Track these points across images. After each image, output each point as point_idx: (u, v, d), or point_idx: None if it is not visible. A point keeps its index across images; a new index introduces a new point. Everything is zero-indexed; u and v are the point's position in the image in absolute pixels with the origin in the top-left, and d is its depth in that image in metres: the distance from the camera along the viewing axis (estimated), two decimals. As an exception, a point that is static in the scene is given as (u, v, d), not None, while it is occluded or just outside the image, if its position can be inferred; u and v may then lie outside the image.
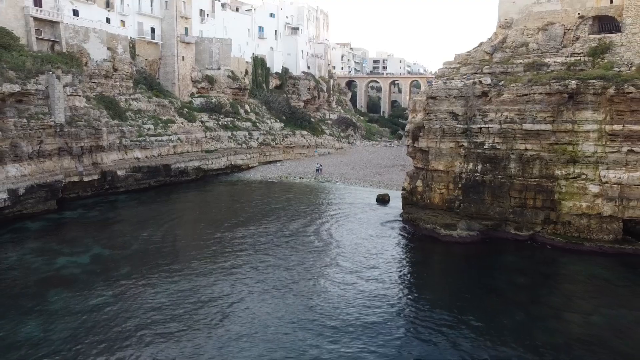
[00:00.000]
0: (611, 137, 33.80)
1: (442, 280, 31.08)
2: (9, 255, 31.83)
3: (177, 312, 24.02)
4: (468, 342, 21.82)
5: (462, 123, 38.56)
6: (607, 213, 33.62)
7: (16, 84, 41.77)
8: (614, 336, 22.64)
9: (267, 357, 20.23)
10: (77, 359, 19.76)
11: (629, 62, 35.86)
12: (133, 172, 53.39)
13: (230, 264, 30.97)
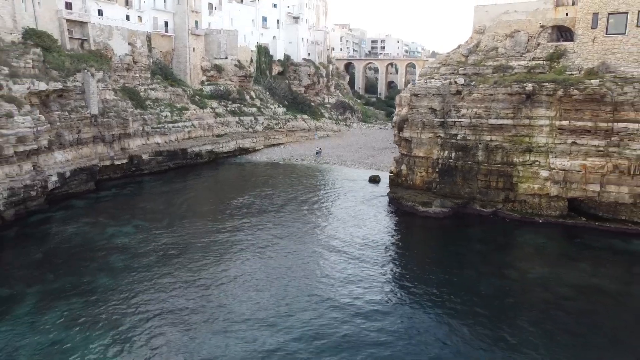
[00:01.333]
0: (559, 131, 41.02)
1: (418, 247, 38.71)
2: (68, 228, 39.37)
3: (204, 263, 31.62)
4: (432, 289, 29.46)
5: (439, 117, 45.67)
6: (554, 193, 41.10)
7: (59, 82, 48.66)
8: (539, 287, 30.28)
9: (272, 309, 27.84)
10: (140, 303, 27.32)
11: (579, 66, 42.84)
12: (155, 155, 60.66)
13: (242, 228, 38.50)
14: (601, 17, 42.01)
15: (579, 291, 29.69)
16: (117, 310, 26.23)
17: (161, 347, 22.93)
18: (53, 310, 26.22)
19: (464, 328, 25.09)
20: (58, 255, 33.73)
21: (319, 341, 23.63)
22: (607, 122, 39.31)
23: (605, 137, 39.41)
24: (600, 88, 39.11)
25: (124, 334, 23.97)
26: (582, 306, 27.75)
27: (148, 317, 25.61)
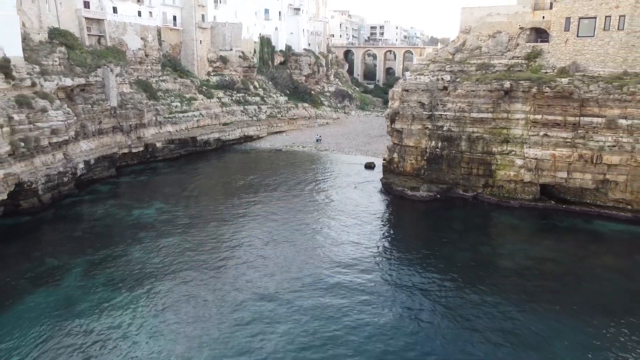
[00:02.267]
0: (533, 124, 46.05)
1: (406, 226, 44.07)
2: (98, 209, 44.69)
3: (218, 235, 36.96)
4: (416, 260, 34.84)
5: (427, 110, 50.62)
6: (527, 180, 46.31)
7: (82, 77, 53.53)
8: (506, 259, 35.67)
9: (274, 269, 33.20)
10: (167, 268, 32.68)
11: (553, 66, 47.71)
12: (167, 143, 65.73)
13: (248, 208, 43.79)
14: (573, 21, 46.72)
15: (538, 262, 35.05)
16: (149, 275, 31.60)
17: (187, 299, 28.28)
18: (97, 276, 31.61)
19: (440, 290, 30.46)
20: (93, 233, 39.09)
21: (316, 305, 29.02)
22: (575, 116, 44.34)
23: (573, 130, 44.47)
24: (569, 86, 44.07)
25: (158, 293, 29.32)
26: (538, 274, 33.12)
27: (174, 278, 30.98)
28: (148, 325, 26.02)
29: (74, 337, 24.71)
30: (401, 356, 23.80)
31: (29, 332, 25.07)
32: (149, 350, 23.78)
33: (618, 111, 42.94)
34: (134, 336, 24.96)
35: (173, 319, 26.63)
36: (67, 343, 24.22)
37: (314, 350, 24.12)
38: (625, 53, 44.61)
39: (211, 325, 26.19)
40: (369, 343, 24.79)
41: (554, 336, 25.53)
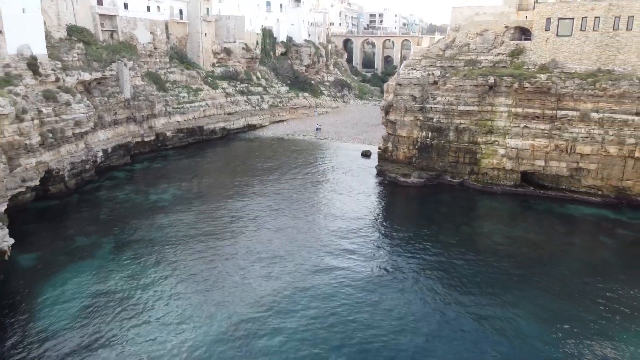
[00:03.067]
0: (515, 116, 50.33)
1: (397, 209, 48.59)
2: (118, 194, 49.17)
3: (227, 216, 41.49)
4: (406, 239, 39.41)
5: (419, 103, 54.84)
6: (509, 167, 50.75)
7: (98, 72, 57.60)
8: (485, 238, 40.26)
9: (276, 246, 37.75)
10: (184, 244, 37.21)
11: (534, 62, 51.83)
12: (177, 133, 70.00)
13: (253, 191, 48.27)
14: (553, 21, 50.77)
15: (513, 241, 39.67)
16: (169, 249, 36.14)
17: (203, 268, 32.84)
18: (124, 251, 36.17)
19: (424, 263, 35.05)
20: (116, 214, 43.63)
21: (312, 279, 33.62)
22: (552, 109, 48.65)
23: (550, 122, 48.81)
24: (547, 82, 48.31)
25: (178, 264, 33.87)
26: (512, 251, 37.66)
27: (191, 251, 35.52)
28: (172, 290, 30.60)
29: (111, 302, 29.28)
30: (387, 304, 28.43)
31: (73, 297, 29.67)
32: (174, 310, 28.37)
33: (591, 105, 47.26)
34: (161, 299, 29.55)
35: (193, 285, 31.21)
36: (105, 306, 28.82)
37: (310, 298, 28.72)
38: (599, 51, 48.76)
39: (226, 286, 30.79)
40: (361, 297, 29.43)
41: (521, 303, 30.14)
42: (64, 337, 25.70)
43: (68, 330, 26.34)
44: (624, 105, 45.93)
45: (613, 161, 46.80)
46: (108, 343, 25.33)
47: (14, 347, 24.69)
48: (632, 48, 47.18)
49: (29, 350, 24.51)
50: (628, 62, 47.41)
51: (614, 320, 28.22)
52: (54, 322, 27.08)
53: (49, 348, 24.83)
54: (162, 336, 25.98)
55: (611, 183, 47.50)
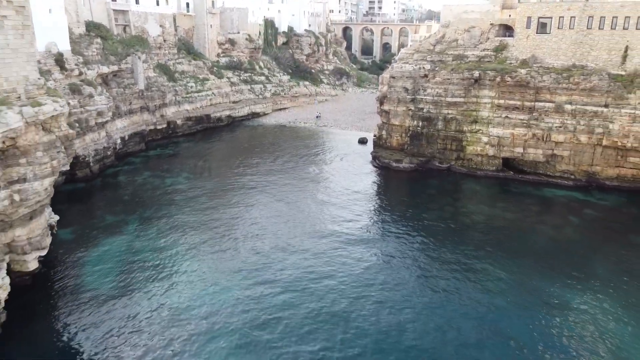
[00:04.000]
0: (497, 107, 55.27)
1: (390, 191, 53.76)
2: (137, 178, 54.35)
3: (235, 196, 46.70)
4: (396, 218, 44.71)
5: (411, 94, 59.70)
6: (491, 154, 55.86)
7: (115, 65, 62.34)
8: (465, 216, 45.52)
9: (279, 223, 43.03)
10: (199, 221, 42.45)
11: (516, 58, 56.58)
12: (186, 120, 74.93)
13: (257, 175, 53.43)
14: (533, 20, 55.41)
15: (491, 219, 44.99)
16: (187, 226, 41.38)
17: (217, 242, 38.12)
18: (148, 228, 41.41)
19: (410, 238, 40.37)
20: (138, 196, 48.86)
21: (311, 255, 38.93)
22: (531, 101, 53.58)
23: (529, 113, 53.78)
24: (526, 76, 53.17)
25: (195, 238, 39.13)
26: (489, 228, 42.95)
27: (206, 227, 40.77)
28: (190, 255, 35.92)
29: (140, 264, 34.60)
30: (376, 269, 33.79)
31: (109, 261, 34.99)
32: (193, 276, 33.69)
33: (565, 98, 52.24)
34: (181, 262, 34.86)
35: (208, 252, 36.50)
36: (136, 268, 34.13)
37: (309, 255, 34.05)
38: (574, 48, 53.53)
39: (238, 250, 36.11)
40: (352, 257, 34.78)
41: (494, 272, 35.47)
42: (106, 290, 31.07)
43: (108, 285, 31.73)
44: (594, 97, 50.89)
45: (584, 149, 51.94)
46: (140, 295, 30.69)
47: (69, 298, 30.02)
48: (603, 45, 51.92)
49: (80, 300, 29.81)
50: (599, 59, 52.21)
51: (570, 285, 33.54)
52: (96, 279, 32.48)
53: (93, 297, 30.18)
54: (183, 289, 31.34)
55: (582, 168, 52.71)
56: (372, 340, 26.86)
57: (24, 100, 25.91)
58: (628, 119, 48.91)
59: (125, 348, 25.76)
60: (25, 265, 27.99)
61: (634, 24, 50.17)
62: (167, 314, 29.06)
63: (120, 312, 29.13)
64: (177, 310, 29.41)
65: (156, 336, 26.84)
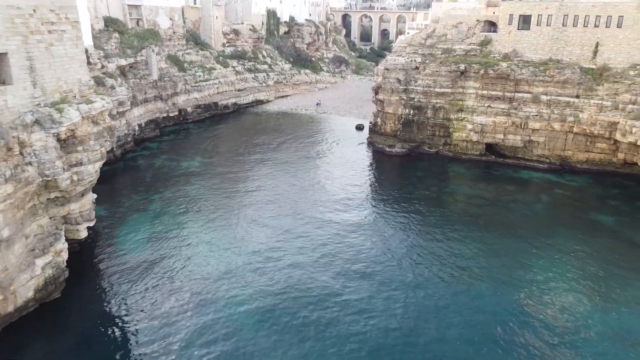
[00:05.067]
0: (481, 97, 60.90)
1: (383, 173, 59.68)
2: (155, 161, 60.23)
3: (245, 176, 52.63)
4: (387, 197, 50.70)
5: (403, 85, 65.23)
6: (475, 140, 61.66)
7: (132, 57, 67.75)
8: (447, 195, 51.55)
9: (280, 199, 49.02)
10: (215, 200, 48.43)
11: (499, 52, 62.01)
12: (195, 108, 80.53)
13: (262, 158, 59.29)
14: (515, 17, 60.73)
15: (471, 197, 50.99)
16: (204, 202, 47.38)
17: (229, 215, 44.12)
18: (170, 204, 47.39)
19: (398, 214, 46.40)
20: (157, 177, 54.79)
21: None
22: (511, 92, 59.22)
23: (509, 103, 59.44)
24: (507, 69, 58.72)
25: (211, 211, 45.12)
26: (468, 205, 48.99)
27: (220, 205, 46.76)
28: (208, 226, 41.97)
29: (166, 234, 40.66)
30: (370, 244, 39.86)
31: (140, 232, 41.04)
32: (211, 241, 39.76)
33: (541, 89, 57.87)
34: (200, 231, 40.92)
35: (223, 226, 42.56)
36: (163, 237, 40.19)
37: (309, 226, 40.10)
38: (551, 44, 58.96)
39: (247, 222, 42.18)
40: (347, 226, 40.86)
41: (469, 241, 41.54)
42: (140, 254, 37.16)
43: (141, 250, 37.87)
44: (567, 89, 56.54)
45: (557, 135, 57.78)
46: (169, 257, 36.79)
47: (110, 260, 36.11)
48: (577, 41, 57.37)
49: (119, 261, 35.90)
50: (573, 54, 57.71)
51: (533, 252, 39.64)
52: (131, 246, 38.63)
53: (130, 259, 36.24)
54: (204, 252, 37.44)
55: (556, 153, 58.60)
56: (358, 277, 33.09)
57: (79, 98, 31.70)
58: (596, 109, 54.64)
59: (161, 298, 31.91)
60: (77, 234, 33.98)
61: (604, 22, 55.54)
62: (192, 271, 35.22)
63: (154, 270, 35.26)
64: (200, 269, 35.56)
65: (184, 288, 32.99)
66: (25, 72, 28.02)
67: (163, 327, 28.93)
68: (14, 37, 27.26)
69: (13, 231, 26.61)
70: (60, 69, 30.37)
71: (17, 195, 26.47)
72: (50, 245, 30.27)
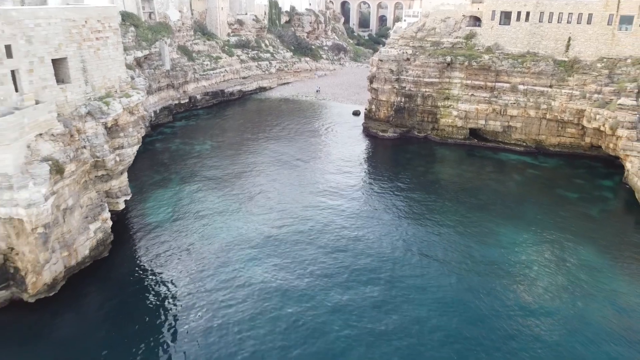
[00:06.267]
0: (465, 87, 67.25)
1: (377, 156, 66.33)
2: (170, 145, 66.84)
3: (252, 156, 59.31)
4: (380, 177, 57.45)
5: (395, 75, 71.49)
6: (459, 125, 68.19)
7: (147, 49, 73.87)
8: (432, 174, 58.31)
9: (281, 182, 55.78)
10: (226, 179, 55.18)
11: (483, 45, 68.15)
12: (204, 95, 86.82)
13: (266, 141, 65.87)
14: (497, 13, 66.74)
15: (452, 176, 57.76)
16: (216, 181, 54.07)
17: (240, 190, 50.88)
18: (187, 183, 54.14)
19: (387, 190, 53.17)
20: (174, 159, 61.45)
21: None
22: (492, 82, 65.55)
23: (490, 92, 65.81)
24: (488, 61, 64.98)
25: (224, 188, 51.87)
26: (450, 182, 55.75)
27: (230, 182, 53.50)
28: (222, 203, 48.74)
29: (186, 211, 47.44)
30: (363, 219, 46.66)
31: (164, 205, 47.83)
32: (225, 212, 46.57)
33: (519, 79, 64.21)
34: (215, 204, 47.70)
35: (234, 200, 49.36)
36: (183, 213, 47.01)
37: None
38: (528, 38, 65.08)
39: (254, 197, 48.98)
40: (342, 199, 47.68)
41: (447, 213, 48.39)
42: (164, 223, 44.06)
43: (166, 219, 44.75)
44: (541, 80, 62.89)
45: (532, 121, 64.32)
46: (191, 226, 43.66)
47: (142, 228, 42.98)
48: (551, 36, 63.48)
49: (149, 228, 42.79)
50: (548, 47, 63.90)
51: (502, 222, 46.48)
52: (158, 217, 45.56)
53: (157, 227, 43.14)
54: (218, 220, 44.30)
55: (531, 137, 65.20)
56: (348, 247, 40.07)
57: (119, 93, 38.23)
58: (566, 98, 61.08)
59: (185, 255, 38.83)
60: (117, 206, 40.75)
61: (576, 19, 61.62)
62: (208, 234, 42.18)
63: (178, 234, 42.23)
64: (215, 232, 42.53)
65: (203, 248, 39.90)
66: (79, 72, 34.52)
67: (189, 276, 35.95)
68: (71, 44, 33.68)
69: (74, 201, 33.42)
70: (105, 69, 36.85)
71: (77, 172, 33.20)
72: (98, 214, 37.10)
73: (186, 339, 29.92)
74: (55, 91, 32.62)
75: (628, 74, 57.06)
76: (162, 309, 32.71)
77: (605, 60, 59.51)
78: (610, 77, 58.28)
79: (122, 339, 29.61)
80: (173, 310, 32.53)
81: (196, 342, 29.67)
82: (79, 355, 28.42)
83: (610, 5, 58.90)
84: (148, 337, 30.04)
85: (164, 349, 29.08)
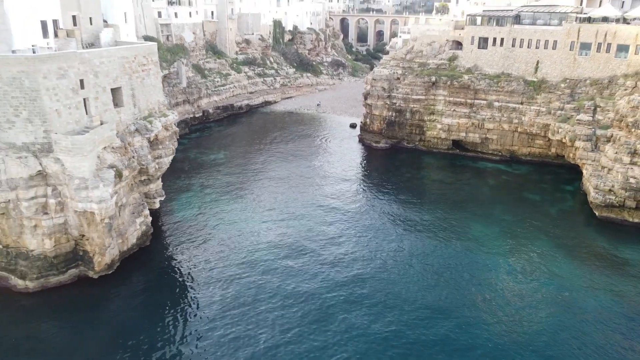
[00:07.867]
0: (448, 103, 76.41)
1: (370, 164, 75.36)
2: (189, 154, 75.93)
3: (262, 164, 68.27)
4: (374, 183, 66.45)
5: (387, 92, 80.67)
6: (444, 137, 77.30)
7: (166, 69, 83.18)
8: (417, 180, 67.27)
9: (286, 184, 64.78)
10: (240, 185, 64.16)
11: (463, 66, 77.42)
12: (216, 109, 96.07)
13: (271, 151, 74.87)
14: (475, 39, 76.04)
15: (434, 181, 66.77)
16: (231, 185, 63.04)
17: (250, 192, 59.78)
18: (207, 187, 63.12)
19: (379, 193, 62.09)
20: (194, 167, 70.52)
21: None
22: (471, 99, 74.71)
23: (470, 108, 74.96)
24: (468, 81, 74.19)
25: (239, 192, 60.76)
26: (431, 186, 64.70)
27: (243, 186, 62.43)
28: (239, 203, 57.64)
29: (210, 209, 56.35)
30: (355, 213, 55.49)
31: (190, 205, 56.76)
32: (243, 210, 55.43)
33: (494, 97, 73.39)
34: (233, 206, 56.58)
35: (249, 200, 58.25)
36: (207, 210, 55.89)
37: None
38: (503, 61, 74.35)
39: (265, 196, 57.85)
40: (340, 199, 56.51)
41: (425, 213, 57.29)
42: (192, 220, 52.94)
43: (193, 217, 53.64)
44: (513, 97, 72.04)
45: (506, 134, 73.41)
46: (214, 220, 52.56)
47: (174, 224, 51.85)
48: (522, 59, 72.72)
49: (181, 222, 51.67)
50: (519, 69, 73.12)
51: (473, 220, 55.37)
52: (186, 213, 54.49)
53: (186, 223, 52.04)
54: (236, 217, 53.18)
55: (506, 147, 74.27)
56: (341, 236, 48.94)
57: (158, 113, 47.37)
58: (534, 114, 70.20)
59: (210, 246, 47.68)
60: (153, 205, 49.70)
61: (543, 45, 70.86)
62: (228, 229, 51.11)
63: (203, 229, 51.17)
64: (233, 226, 51.46)
65: (226, 240, 48.77)
66: (130, 98, 43.68)
67: (214, 261, 44.87)
68: (124, 76, 42.86)
69: (126, 200, 42.42)
70: (148, 94, 46.02)
71: (129, 177, 42.23)
72: (141, 211, 46.08)
73: (206, 309, 38.82)
74: (113, 113, 41.73)
75: (587, 93, 66.22)
76: (190, 288, 41.63)
77: (568, 81, 68.68)
78: (572, 96, 67.46)
79: (158, 309, 38.53)
80: (197, 289, 41.45)
81: (212, 309, 38.64)
82: (128, 321, 37.32)
83: (572, 33, 68.18)
84: (177, 307, 39.00)
85: (191, 316, 38.02)
